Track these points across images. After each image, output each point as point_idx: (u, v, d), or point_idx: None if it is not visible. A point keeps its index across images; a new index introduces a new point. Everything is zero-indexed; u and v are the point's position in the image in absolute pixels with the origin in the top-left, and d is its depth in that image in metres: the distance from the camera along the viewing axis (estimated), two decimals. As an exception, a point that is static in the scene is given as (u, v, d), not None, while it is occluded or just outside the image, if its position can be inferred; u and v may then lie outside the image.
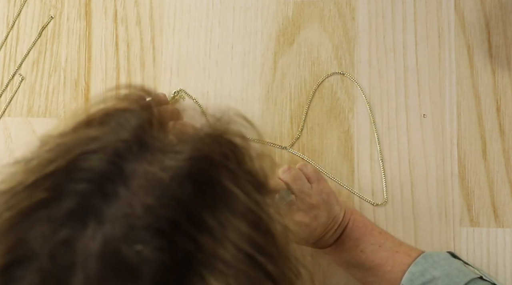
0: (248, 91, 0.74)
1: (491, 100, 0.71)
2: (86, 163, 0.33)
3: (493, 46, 0.72)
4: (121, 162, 0.33)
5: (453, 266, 0.60)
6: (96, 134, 0.35)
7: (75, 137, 0.35)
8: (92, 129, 0.35)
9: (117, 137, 0.34)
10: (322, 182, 0.63)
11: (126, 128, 0.35)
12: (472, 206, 0.69)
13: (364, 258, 0.62)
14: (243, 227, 0.33)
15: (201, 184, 0.33)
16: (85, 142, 0.34)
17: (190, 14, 0.76)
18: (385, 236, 0.64)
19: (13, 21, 0.77)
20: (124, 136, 0.34)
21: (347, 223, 0.64)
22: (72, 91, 0.75)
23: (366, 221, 0.66)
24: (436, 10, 0.74)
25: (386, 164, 0.71)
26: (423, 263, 0.60)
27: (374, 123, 0.72)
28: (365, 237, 0.63)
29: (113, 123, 0.36)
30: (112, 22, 0.76)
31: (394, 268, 0.61)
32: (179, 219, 0.31)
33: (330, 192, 0.63)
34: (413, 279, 0.59)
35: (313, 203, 0.61)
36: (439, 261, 0.60)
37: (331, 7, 0.75)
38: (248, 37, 0.75)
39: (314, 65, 0.74)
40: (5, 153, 0.74)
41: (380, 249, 0.62)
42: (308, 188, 0.62)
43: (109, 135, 0.35)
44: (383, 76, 0.73)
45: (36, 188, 0.33)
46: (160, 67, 0.75)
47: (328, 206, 0.62)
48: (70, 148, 0.34)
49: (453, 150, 0.70)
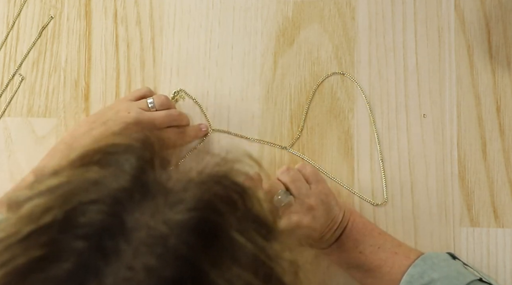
0: (248, 91, 0.74)
1: (491, 100, 0.71)
2: (85, 217, 0.31)
3: (493, 46, 0.72)
4: (122, 213, 0.31)
5: (452, 267, 0.60)
6: (95, 177, 0.33)
7: (73, 180, 0.33)
8: (91, 171, 0.34)
9: (118, 183, 0.33)
10: (321, 183, 0.63)
11: (127, 172, 0.33)
12: (472, 206, 0.69)
13: (363, 259, 0.62)
14: (253, 281, 0.31)
15: (207, 238, 0.31)
16: (84, 188, 0.32)
17: (190, 14, 0.76)
18: (384, 237, 0.64)
19: (13, 21, 0.77)
20: (125, 182, 0.33)
21: (346, 223, 0.64)
22: (72, 91, 0.75)
23: (366, 222, 0.65)
24: (436, 10, 0.74)
25: (386, 164, 0.71)
26: (422, 265, 0.60)
27: (374, 123, 0.72)
28: (364, 238, 0.63)
29: (113, 165, 0.34)
30: (112, 22, 0.76)
31: (393, 270, 0.61)
32: (184, 280, 0.30)
33: (329, 193, 0.63)
34: (412, 281, 0.59)
35: (311, 204, 0.61)
36: (438, 262, 0.60)
37: (331, 7, 0.75)
38: (248, 37, 0.75)
39: (314, 65, 0.74)
40: (5, 153, 0.74)
41: (379, 251, 0.62)
42: (307, 190, 0.62)
43: (109, 180, 0.33)
44: (383, 76, 0.73)
45: (31, 242, 0.31)
46: (160, 67, 0.75)
47: (327, 207, 0.62)
48: (68, 196, 0.32)
49: (453, 150, 0.70)
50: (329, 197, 0.62)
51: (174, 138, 0.66)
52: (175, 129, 0.68)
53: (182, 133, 0.68)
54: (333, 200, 0.63)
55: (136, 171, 0.33)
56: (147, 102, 0.67)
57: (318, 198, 0.61)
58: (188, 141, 0.70)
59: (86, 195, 0.32)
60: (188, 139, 0.70)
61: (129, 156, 0.34)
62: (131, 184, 0.33)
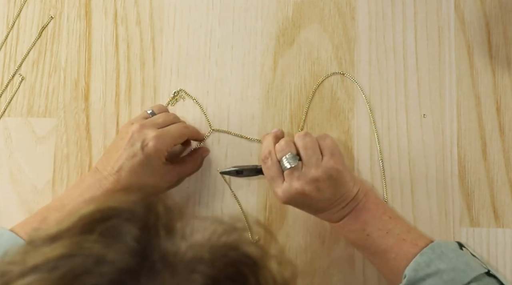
0: (248, 91, 0.74)
1: (491, 100, 0.71)
2: None
3: (493, 46, 0.72)
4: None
5: (461, 259, 0.59)
6: (97, 254, 0.30)
7: (73, 254, 0.31)
8: (91, 242, 0.31)
9: (122, 262, 0.30)
10: (335, 158, 0.61)
11: (131, 247, 0.31)
12: (472, 206, 0.69)
13: (370, 242, 0.62)
14: None
15: None
16: (86, 269, 0.30)
17: (190, 14, 0.76)
18: (394, 221, 0.63)
19: (13, 21, 0.77)
20: (129, 261, 0.30)
21: (356, 204, 0.63)
22: (72, 91, 0.75)
23: (379, 204, 0.64)
24: (436, 10, 0.74)
25: (386, 164, 0.71)
26: (430, 253, 0.59)
27: (374, 123, 0.72)
28: (373, 221, 0.62)
29: (115, 236, 0.31)
30: (112, 22, 0.76)
31: (398, 256, 0.60)
32: None
33: (342, 170, 0.61)
34: (418, 269, 0.58)
35: (316, 175, 0.59)
36: (447, 253, 0.59)
37: (331, 7, 0.75)
38: (248, 37, 0.75)
39: (314, 65, 0.74)
40: (5, 153, 0.74)
41: (387, 236, 0.61)
42: (317, 160, 0.60)
43: (112, 258, 0.30)
44: (383, 76, 0.73)
45: None
46: (160, 67, 0.75)
47: (335, 183, 0.60)
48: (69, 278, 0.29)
49: (453, 150, 0.70)
50: (341, 174, 0.60)
51: (179, 132, 0.65)
52: (180, 123, 0.68)
53: (186, 128, 0.68)
54: (347, 178, 0.61)
55: (140, 245, 0.31)
56: (146, 112, 0.68)
57: (326, 172, 0.59)
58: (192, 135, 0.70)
59: (89, 278, 0.29)
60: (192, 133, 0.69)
61: (132, 226, 0.32)
62: (136, 262, 0.31)
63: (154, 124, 0.64)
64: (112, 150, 0.65)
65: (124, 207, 0.34)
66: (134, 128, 0.63)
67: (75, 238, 0.31)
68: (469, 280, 0.56)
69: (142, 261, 0.31)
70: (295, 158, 0.60)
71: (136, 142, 0.62)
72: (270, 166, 0.61)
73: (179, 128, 0.66)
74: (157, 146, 0.62)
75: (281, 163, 0.61)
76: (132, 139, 0.62)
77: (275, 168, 0.61)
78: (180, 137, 0.66)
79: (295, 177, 0.60)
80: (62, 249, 0.31)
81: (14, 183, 0.73)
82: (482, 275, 0.58)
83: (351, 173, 0.63)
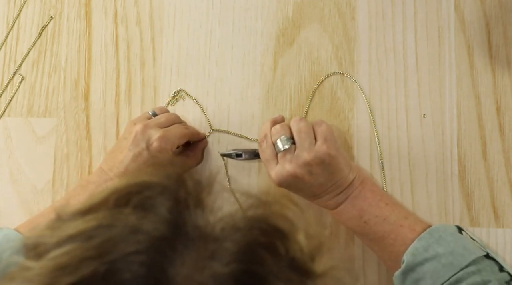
0: (248, 91, 0.74)
1: (491, 100, 0.71)
2: (128, 270, 0.29)
3: (493, 46, 0.72)
4: (165, 264, 0.30)
5: (459, 243, 0.59)
6: (133, 224, 0.31)
7: (110, 226, 0.31)
8: (126, 215, 0.32)
9: (157, 231, 0.31)
10: (328, 144, 0.61)
11: (165, 218, 0.32)
12: (472, 206, 0.69)
13: (367, 229, 0.62)
14: None
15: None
16: (123, 237, 0.30)
17: (190, 14, 0.76)
18: (392, 208, 0.63)
19: (13, 21, 0.77)
20: (165, 230, 0.31)
21: (352, 191, 0.63)
22: (72, 91, 0.75)
23: (376, 191, 0.64)
24: (436, 10, 0.74)
25: (386, 164, 0.71)
26: (428, 238, 0.59)
27: (374, 123, 0.72)
28: (370, 208, 0.62)
29: (149, 208, 0.32)
30: (112, 22, 0.76)
31: (396, 242, 0.60)
32: None
33: (336, 156, 0.61)
34: (416, 254, 0.58)
35: (308, 159, 0.60)
36: (445, 237, 0.59)
37: (331, 7, 0.75)
38: (248, 37, 0.75)
39: (314, 65, 0.74)
40: (5, 153, 0.74)
41: (384, 222, 0.61)
42: (309, 144, 0.61)
43: (148, 228, 0.31)
44: (383, 76, 0.73)
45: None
46: (160, 67, 0.75)
47: (329, 168, 0.61)
48: (107, 245, 0.30)
49: (453, 150, 0.70)
50: (334, 160, 0.61)
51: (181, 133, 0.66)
52: (180, 125, 0.68)
53: (186, 128, 0.69)
54: (341, 164, 0.62)
55: (174, 216, 0.32)
56: (148, 113, 0.68)
57: (318, 156, 0.60)
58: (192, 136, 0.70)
59: (127, 245, 0.30)
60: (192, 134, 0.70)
61: (165, 199, 0.33)
62: (171, 231, 0.32)
63: (157, 124, 0.65)
64: (116, 150, 0.65)
65: (156, 181, 0.34)
66: (138, 128, 0.63)
67: (110, 210, 0.32)
68: (467, 263, 0.56)
69: (176, 231, 0.32)
70: (288, 141, 0.61)
71: (140, 142, 0.62)
72: (265, 149, 0.63)
73: (181, 129, 0.66)
74: (162, 146, 0.62)
75: (275, 145, 0.62)
76: (136, 140, 0.63)
77: (269, 150, 0.62)
78: (182, 138, 0.66)
79: (287, 160, 0.61)
80: (98, 220, 0.32)
81: (14, 183, 0.73)
82: (480, 257, 0.58)
83: (347, 160, 0.64)
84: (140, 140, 0.63)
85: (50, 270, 0.30)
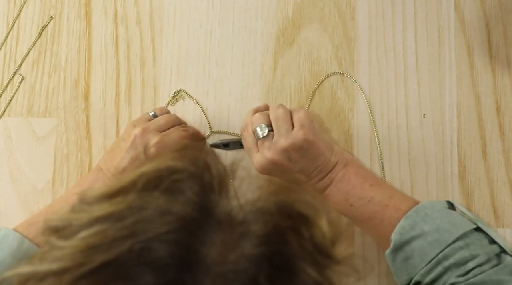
0: (248, 91, 0.74)
1: (491, 100, 0.71)
2: (162, 249, 0.30)
3: (493, 46, 0.72)
4: (196, 244, 0.31)
5: (446, 219, 0.58)
6: (164, 206, 0.32)
7: (141, 207, 0.32)
8: (156, 198, 0.33)
9: (187, 213, 0.32)
10: (305, 130, 0.62)
11: (193, 200, 0.33)
12: (472, 206, 0.69)
13: (354, 211, 0.62)
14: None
15: (280, 269, 0.32)
16: (155, 218, 0.31)
17: (190, 14, 0.76)
18: (376, 188, 0.63)
19: (13, 21, 0.77)
20: (193, 212, 0.32)
21: (335, 175, 0.63)
22: (72, 91, 0.75)
23: (360, 173, 0.64)
24: (436, 10, 0.74)
25: (386, 164, 0.71)
26: (414, 216, 0.59)
27: (374, 123, 0.72)
28: (354, 190, 0.62)
29: (176, 191, 0.33)
30: (112, 22, 0.76)
31: (383, 222, 0.60)
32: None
33: (314, 141, 0.62)
34: (403, 233, 0.58)
35: (284, 145, 0.61)
36: (432, 213, 0.59)
37: (331, 7, 0.75)
38: (248, 37, 0.75)
39: (314, 65, 0.74)
40: (5, 153, 0.74)
41: (369, 204, 0.62)
42: (286, 131, 0.62)
43: (178, 210, 0.32)
44: (383, 76, 0.73)
45: (106, 274, 0.30)
46: (160, 67, 0.75)
47: (308, 154, 0.62)
48: (141, 225, 0.31)
49: (453, 150, 0.70)
50: (312, 145, 0.62)
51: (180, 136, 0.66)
52: (179, 127, 0.68)
53: (186, 130, 0.69)
54: (321, 149, 0.62)
55: (201, 199, 0.33)
56: (148, 114, 0.68)
57: (294, 142, 0.61)
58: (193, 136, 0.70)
59: (159, 226, 0.31)
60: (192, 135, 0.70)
61: (192, 183, 0.34)
62: (199, 214, 0.32)
63: (156, 127, 0.65)
64: (115, 149, 0.66)
65: (183, 166, 0.35)
66: (137, 131, 0.64)
67: (139, 193, 0.33)
68: (454, 239, 0.56)
69: (204, 213, 0.33)
70: (266, 128, 0.62)
71: (138, 146, 0.63)
72: (246, 137, 0.65)
73: (179, 132, 0.66)
74: (159, 151, 0.62)
75: (255, 134, 0.63)
76: (134, 143, 0.63)
77: (250, 139, 0.64)
78: (181, 141, 0.66)
79: (266, 147, 0.62)
80: (127, 203, 0.33)
81: (14, 183, 0.73)
82: (469, 231, 0.57)
83: (328, 144, 0.64)
84: (138, 144, 0.63)
85: (82, 248, 0.31)
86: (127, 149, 0.63)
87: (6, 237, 0.61)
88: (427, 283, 0.56)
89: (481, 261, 0.54)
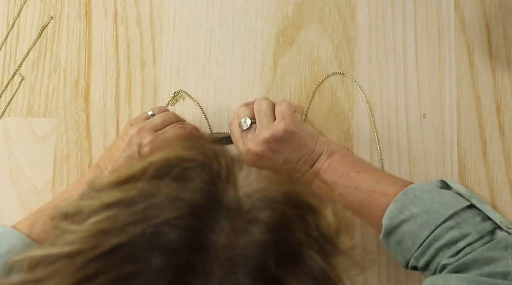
0: (248, 91, 0.74)
1: (491, 100, 0.71)
2: (173, 233, 0.31)
3: (493, 46, 0.72)
4: (205, 230, 0.32)
5: (435, 199, 0.57)
6: (174, 193, 0.33)
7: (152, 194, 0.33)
8: (165, 185, 0.33)
9: (196, 200, 0.33)
10: (286, 121, 0.64)
11: (202, 188, 0.34)
12: (472, 206, 0.69)
13: (343, 200, 0.62)
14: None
15: (288, 257, 0.33)
16: (166, 204, 0.32)
17: (190, 14, 0.76)
18: (362, 175, 0.63)
19: (13, 21, 0.77)
20: (202, 199, 0.33)
21: (321, 166, 0.64)
22: (72, 91, 0.75)
23: (346, 162, 0.64)
24: (436, 10, 0.74)
25: (386, 164, 0.71)
26: (403, 199, 0.58)
27: (374, 123, 0.72)
28: (341, 180, 0.63)
29: (185, 180, 0.34)
30: (112, 22, 0.76)
31: (372, 208, 0.60)
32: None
33: (295, 132, 0.64)
34: (392, 217, 0.57)
35: (266, 136, 0.63)
36: (421, 195, 0.58)
37: (331, 7, 0.75)
38: (248, 37, 0.75)
39: (314, 65, 0.74)
40: (5, 153, 0.74)
41: (356, 191, 0.62)
42: (267, 123, 0.64)
43: (188, 197, 0.33)
44: (383, 76, 0.73)
45: (117, 257, 0.30)
46: (160, 67, 0.75)
47: (290, 145, 0.63)
48: (152, 210, 0.32)
49: (453, 150, 0.70)
50: (294, 136, 0.63)
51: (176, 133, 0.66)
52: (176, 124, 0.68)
53: (183, 128, 0.69)
54: (304, 140, 0.64)
55: (209, 187, 0.34)
56: (147, 113, 0.69)
57: (275, 133, 0.63)
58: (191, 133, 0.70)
59: (169, 211, 0.32)
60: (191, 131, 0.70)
61: (201, 172, 0.35)
62: (208, 201, 0.33)
63: (152, 126, 0.66)
64: (113, 148, 0.67)
65: (192, 155, 0.36)
66: (133, 131, 0.65)
67: (149, 180, 0.34)
68: (444, 219, 0.54)
69: (213, 201, 0.33)
70: (249, 120, 0.65)
71: (133, 145, 0.64)
72: (233, 131, 0.67)
73: (175, 129, 0.67)
74: (153, 150, 0.62)
75: (240, 126, 0.66)
76: (130, 142, 0.64)
77: (236, 132, 0.67)
78: (177, 138, 0.66)
79: (249, 139, 0.65)
80: (137, 190, 0.33)
81: (14, 183, 0.73)
82: (461, 210, 0.55)
83: (312, 135, 0.65)
84: (134, 143, 0.64)
85: (94, 233, 0.31)
86: (124, 148, 0.65)
87: (4, 234, 0.61)
88: (422, 266, 0.55)
89: (472, 239, 0.53)
